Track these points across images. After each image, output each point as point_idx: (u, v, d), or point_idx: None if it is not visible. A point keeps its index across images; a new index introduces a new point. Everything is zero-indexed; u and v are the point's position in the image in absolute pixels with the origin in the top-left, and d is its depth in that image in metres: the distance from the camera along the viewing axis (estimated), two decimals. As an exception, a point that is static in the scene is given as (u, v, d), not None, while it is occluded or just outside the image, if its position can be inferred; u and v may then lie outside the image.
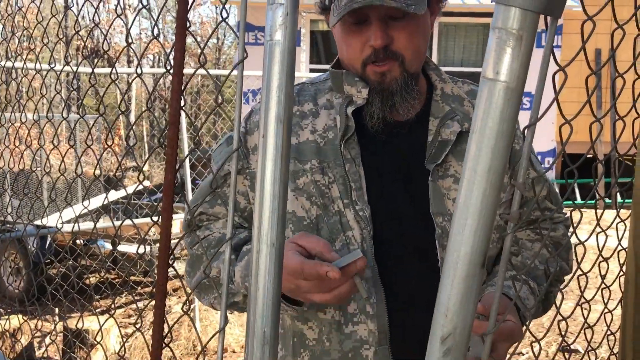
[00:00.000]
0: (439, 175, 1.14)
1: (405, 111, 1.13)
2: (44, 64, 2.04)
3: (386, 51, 1.08)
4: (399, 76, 1.10)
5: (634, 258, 0.65)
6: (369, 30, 1.07)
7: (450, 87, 1.21)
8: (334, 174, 1.13)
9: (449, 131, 1.14)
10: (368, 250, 1.10)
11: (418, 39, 1.11)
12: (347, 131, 1.13)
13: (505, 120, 0.54)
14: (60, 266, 4.61)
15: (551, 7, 0.53)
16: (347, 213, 1.11)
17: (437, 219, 1.12)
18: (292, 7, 0.66)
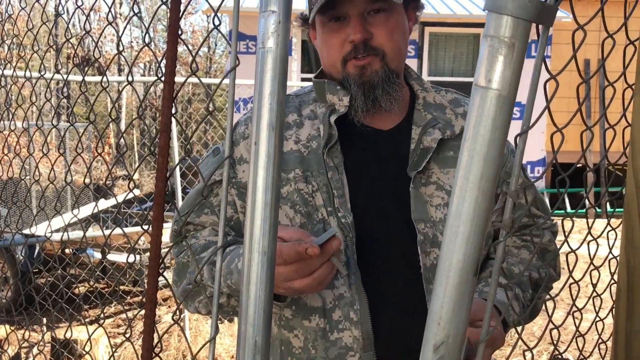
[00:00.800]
0: (422, 183, 1.15)
1: (388, 104, 1.14)
2: (34, 72, 2.02)
3: (366, 46, 1.10)
4: (380, 69, 1.11)
5: (626, 266, 0.65)
6: (348, 27, 1.09)
7: (433, 95, 1.22)
8: (318, 182, 1.14)
9: (430, 139, 1.15)
10: (351, 256, 1.11)
11: (398, 35, 1.13)
12: (330, 139, 1.14)
13: (497, 128, 0.54)
14: (49, 275, 4.57)
15: (543, 16, 0.54)
16: (330, 221, 1.12)
17: (419, 225, 1.13)
18: (285, 15, 0.66)
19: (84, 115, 15.57)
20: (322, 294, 1.12)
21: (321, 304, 1.12)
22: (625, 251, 0.65)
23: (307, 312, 1.13)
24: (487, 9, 0.53)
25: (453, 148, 1.17)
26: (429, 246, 1.13)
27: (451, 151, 1.17)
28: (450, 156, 1.17)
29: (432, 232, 1.13)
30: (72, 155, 5.96)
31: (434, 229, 1.13)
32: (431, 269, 1.12)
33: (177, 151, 4.60)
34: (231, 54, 0.71)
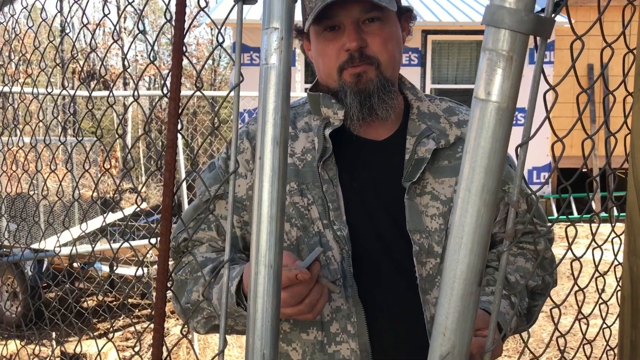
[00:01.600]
0: (417, 193, 1.15)
1: (384, 112, 1.14)
2: (40, 88, 2.05)
3: (361, 55, 1.11)
4: (375, 78, 1.12)
5: (629, 275, 0.65)
6: (343, 36, 1.11)
7: (427, 105, 1.23)
8: (313, 195, 1.14)
9: (425, 149, 1.16)
10: (347, 269, 1.12)
11: (392, 44, 1.14)
12: (325, 152, 1.15)
13: (497, 140, 0.55)
14: (58, 290, 4.58)
15: (540, 29, 0.55)
16: (326, 233, 1.13)
17: (414, 236, 1.13)
18: (287, 32, 0.67)
19: (90, 129, 15.66)
20: None
21: (319, 317, 1.12)
22: (628, 260, 0.66)
23: (304, 325, 1.14)
24: (485, 23, 0.54)
25: (448, 157, 1.18)
26: (425, 256, 1.13)
27: (445, 160, 1.17)
28: (445, 165, 1.17)
29: (428, 242, 1.13)
30: (79, 170, 6.00)
31: (429, 239, 1.13)
32: (427, 279, 1.13)
33: (183, 164, 4.62)
34: (235, 71, 0.73)
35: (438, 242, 1.13)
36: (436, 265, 1.13)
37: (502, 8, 0.53)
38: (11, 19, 1.76)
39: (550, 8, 0.58)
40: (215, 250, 1.21)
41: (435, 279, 1.13)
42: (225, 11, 8.50)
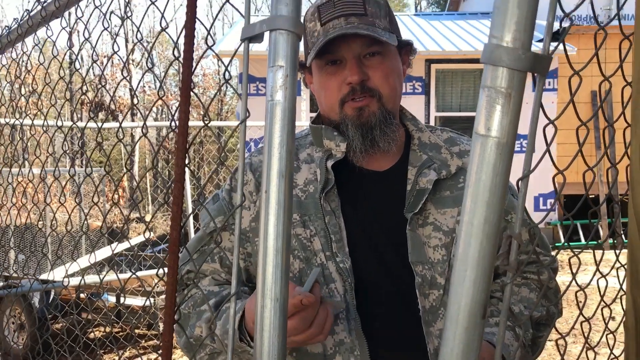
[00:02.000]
0: (419, 224, 1.15)
1: (386, 144, 1.16)
2: (50, 120, 2.08)
3: (363, 88, 1.12)
4: (377, 111, 1.14)
5: (633, 307, 0.65)
6: (345, 70, 1.12)
7: (428, 135, 1.24)
8: (315, 227, 1.15)
9: (426, 179, 1.16)
10: (350, 302, 1.11)
11: (393, 78, 1.16)
12: (327, 184, 1.16)
13: (498, 174, 0.56)
14: (64, 321, 4.57)
15: (537, 66, 0.56)
16: (329, 265, 1.13)
17: (417, 267, 1.13)
18: (292, 69, 0.69)
19: (98, 159, 15.77)
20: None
21: (322, 350, 1.11)
22: (632, 292, 0.66)
23: (307, 359, 1.13)
24: (483, 62, 0.56)
25: (449, 187, 1.18)
26: (428, 288, 1.13)
27: (447, 191, 1.18)
28: (447, 196, 1.17)
29: (431, 273, 1.13)
30: (87, 200, 6.03)
31: (432, 270, 1.13)
32: (430, 310, 1.12)
33: (190, 193, 4.64)
34: (242, 107, 0.74)
35: (441, 274, 1.13)
36: (439, 297, 1.12)
37: (500, 47, 0.55)
38: (23, 55, 1.80)
39: (547, 44, 0.59)
40: (218, 284, 1.21)
41: (439, 310, 1.12)
42: (231, 43, 8.63)
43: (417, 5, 24.86)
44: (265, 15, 7.82)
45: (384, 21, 1.13)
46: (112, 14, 1.36)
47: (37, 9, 1.64)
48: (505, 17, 0.55)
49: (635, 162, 0.70)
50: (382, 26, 1.12)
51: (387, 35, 1.11)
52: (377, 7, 1.13)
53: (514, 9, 0.54)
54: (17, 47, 1.91)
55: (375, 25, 1.11)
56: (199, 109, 15.41)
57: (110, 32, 1.21)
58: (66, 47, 3.19)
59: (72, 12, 1.47)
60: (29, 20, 1.70)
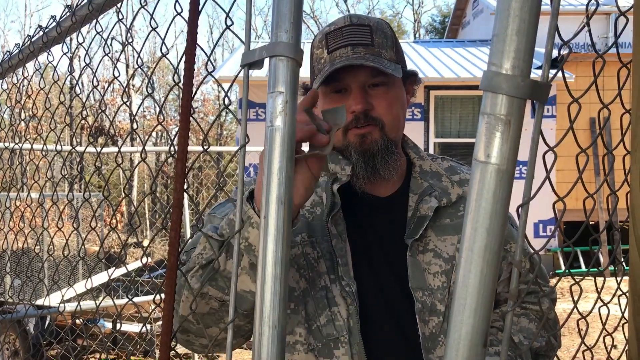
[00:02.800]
0: (419, 250, 1.16)
1: (387, 172, 1.17)
2: (49, 145, 2.08)
3: (366, 117, 1.14)
4: (379, 139, 1.15)
5: (636, 336, 0.64)
6: (350, 98, 1.14)
7: (429, 164, 1.25)
8: (321, 249, 1.15)
9: (427, 207, 1.17)
10: (354, 326, 1.11)
11: (397, 107, 1.17)
12: (333, 207, 1.17)
13: (498, 201, 0.56)
14: (59, 347, 4.52)
15: (536, 93, 0.56)
16: (333, 289, 1.13)
17: (417, 293, 1.13)
18: (291, 95, 0.69)
19: (97, 183, 15.77)
20: None
21: None
22: (634, 320, 0.65)
23: None
24: (483, 89, 0.56)
25: (450, 215, 1.19)
26: (427, 314, 1.13)
27: (447, 219, 1.19)
28: (447, 224, 1.18)
29: (431, 300, 1.13)
30: (85, 225, 6.01)
31: (432, 297, 1.13)
32: (430, 337, 1.11)
33: (189, 218, 4.63)
34: (241, 134, 0.74)
35: (441, 300, 1.13)
36: (439, 323, 1.12)
37: (499, 75, 0.55)
38: (24, 80, 1.81)
39: (546, 72, 0.60)
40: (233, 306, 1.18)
41: (439, 337, 1.11)
42: (231, 69, 8.70)
43: (415, 33, 25.16)
44: (265, 42, 7.90)
45: (390, 52, 1.15)
46: (114, 39, 1.37)
47: (39, 35, 1.66)
48: (504, 45, 0.55)
49: (636, 189, 0.70)
50: (388, 57, 1.14)
51: (393, 67, 1.12)
52: (384, 37, 1.15)
53: (513, 36, 0.55)
54: (18, 72, 1.92)
55: (381, 56, 1.13)
56: (199, 134, 15.47)
57: (110, 57, 1.22)
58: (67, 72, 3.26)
59: (74, 37, 1.48)
60: (30, 45, 1.72)
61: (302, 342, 1.13)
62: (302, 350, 1.13)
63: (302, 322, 1.13)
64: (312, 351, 1.12)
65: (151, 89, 1.02)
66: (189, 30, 0.84)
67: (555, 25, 0.60)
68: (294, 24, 0.69)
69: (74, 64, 15.28)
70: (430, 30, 25.66)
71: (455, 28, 14.75)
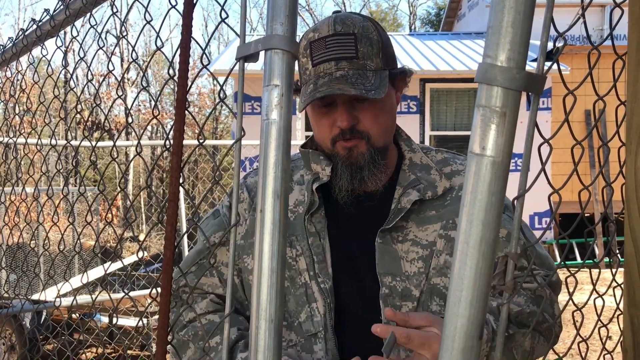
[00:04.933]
0: (398, 240, 1.16)
1: (374, 184, 1.18)
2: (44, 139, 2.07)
3: (352, 131, 1.14)
4: (366, 152, 1.15)
5: (630, 326, 0.65)
6: (336, 113, 1.14)
7: (420, 156, 1.25)
8: (302, 247, 1.18)
9: (407, 199, 1.17)
10: (328, 322, 1.13)
11: (383, 117, 1.17)
12: (312, 206, 1.18)
13: (493, 193, 0.56)
14: (56, 342, 4.51)
15: (532, 85, 0.56)
16: (312, 285, 1.16)
17: (385, 279, 1.14)
18: (287, 88, 0.69)
19: (92, 177, 15.73)
20: (303, 358, 1.14)
21: None
22: (629, 312, 0.66)
23: None
24: (478, 80, 0.56)
25: (435, 207, 1.19)
26: (399, 299, 1.13)
27: (433, 211, 1.19)
28: (432, 215, 1.18)
29: (404, 285, 1.13)
30: (80, 220, 5.99)
31: (406, 282, 1.13)
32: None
33: (184, 212, 4.62)
34: (237, 127, 0.74)
35: (416, 286, 1.13)
36: (412, 308, 1.12)
37: (494, 67, 0.55)
38: (17, 74, 1.80)
39: (541, 64, 0.60)
40: (217, 310, 1.21)
41: None
42: (226, 62, 8.67)
43: (411, 26, 25.11)
44: (260, 35, 7.88)
45: (376, 60, 1.12)
46: (108, 33, 1.36)
47: (32, 28, 1.65)
48: (499, 37, 0.55)
49: (631, 180, 0.70)
50: (374, 66, 1.12)
51: (378, 84, 1.10)
52: (369, 45, 1.12)
53: (508, 28, 0.55)
54: (12, 65, 1.91)
55: (366, 68, 1.11)
56: (194, 127, 15.42)
57: (105, 51, 1.22)
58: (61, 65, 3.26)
59: (68, 31, 1.47)
60: (24, 39, 1.71)
61: (285, 339, 1.16)
62: (284, 346, 1.15)
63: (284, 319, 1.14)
64: (294, 347, 1.16)
65: (146, 82, 1.01)
66: (184, 23, 0.84)
67: (551, 17, 0.60)
68: (289, 17, 0.69)
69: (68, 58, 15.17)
70: (426, 23, 25.63)
71: (451, 20, 14.72)
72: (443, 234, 1.15)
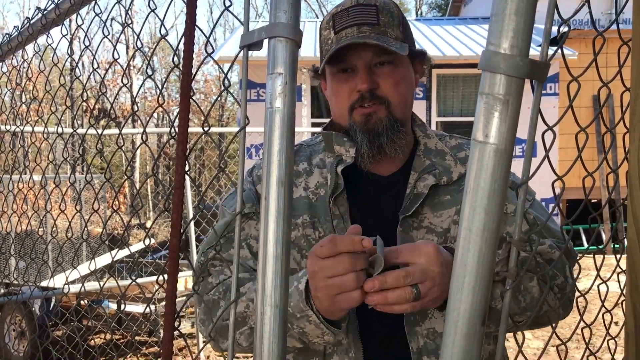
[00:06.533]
0: (413, 227, 1.16)
1: (393, 151, 1.17)
2: (51, 127, 2.09)
3: (372, 95, 1.14)
4: (384, 118, 1.15)
5: (633, 313, 0.65)
6: (356, 78, 1.14)
7: (435, 142, 1.25)
8: (324, 229, 1.17)
9: (423, 184, 1.17)
10: None
11: (403, 87, 1.17)
12: (337, 188, 1.17)
13: (496, 180, 0.56)
14: (65, 328, 4.56)
15: (535, 72, 0.56)
16: None
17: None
18: (291, 76, 0.69)
19: (99, 165, 15.79)
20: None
21: (322, 349, 1.13)
22: (631, 297, 0.66)
23: (308, 355, 1.15)
24: (481, 68, 0.56)
25: (450, 192, 1.18)
26: None
27: (448, 195, 1.18)
28: (447, 200, 1.17)
29: None
30: (87, 207, 6.03)
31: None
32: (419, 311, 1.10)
33: (190, 199, 4.64)
34: (241, 114, 0.75)
35: None
36: None
37: (497, 54, 0.55)
38: (23, 62, 1.81)
39: (545, 51, 0.59)
40: (247, 271, 1.18)
41: (428, 310, 1.12)
42: (231, 49, 8.65)
43: (418, 11, 24.93)
44: (265, 21, 7.83)
45: (397, 31, 1.15)
46: (114, 20, 1.36)
47: (38, 17, 1.65)
48: (502, 24, 0.55)
49: (634, 167, 0.70)
50: (394, 36, 1.14)
51: (398, 45, 1.12)
52: (390, 17, 1.15)
53: (512, 15, 0.55)
54: (18, 54, 1.91)
55: (387, 35, 1.13)
56: (200, 115, 15.42)
57: (110, 39, 1.22)
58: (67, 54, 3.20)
59: (73, 19, 1.48)
60: (29, 28, 1.71)
61: None
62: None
63: None
64: None
65: (151, 70, 1.02)
66: (188, 10, 0.84)
67: (555, 3, 0.59)
68: (293, 4, 0.69)
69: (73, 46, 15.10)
70: (433, 8, 25.43)
71: (458, 5, 14.60)
72: (457, 219, 1.15)
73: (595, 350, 0.97)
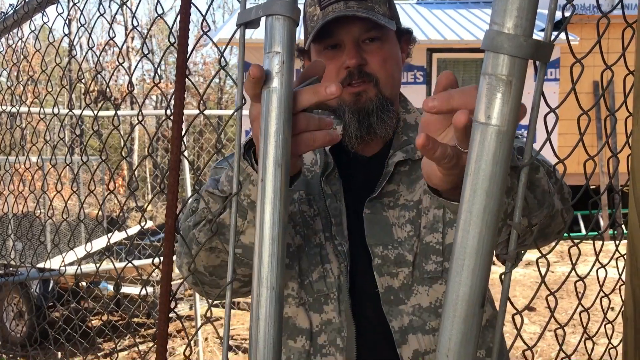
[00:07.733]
0: (390, 206, 1.14)
1: (383, 130, 1.15)
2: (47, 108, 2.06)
3: (360, 72, 1.11)
4: (374, 97, 1.13)
5: (632, 296, 0.65)
6: (343, 54, 1.12)
7: (415, 116, 1.22)
8: (318, 207, 1.15)
9: (391, 162, 1.15)
10: (344, 284, 1.11)
11: (391, 64, 1.15)
12: (327, 167, 1.16)
13: (497, 162, 0.55)
14: (63, 309, 4.58)
15: (539, 53, 0.55)
16: (327, 246, 1.13)
17: (376, 249, 1.11)
18: (288, 55, 0.68)
19: (97, 147, 15.75)
20: (311, 316, 1.13)
21: (308, 326, 1.13)
22: (631, 281, 0.65)
23: (293, 333, 1.14)
24: (484, 48, 0.55)
25: None
26: (394, 267, 1.11)
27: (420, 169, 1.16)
28: (420, 174, 1.14)
29: (397, 252, 1.11)
30: (85, 190, 6.02)
31: (399, 248, 1.11)
32: (402, 288, 1.10)
33: (189, 182, 4.63)
34: (237, 94, 0.73)
35: (409, 250, 1.11)
36: (409, 274, 1.11)
37: (501, 34, 0.54)
38: (19, 42, 1.79)
39: (549, 32, 0.58)
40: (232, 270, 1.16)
41: (412, 287, 1.11)
42: (230, 31, 8.59)
43: (418, -6, 24.73)
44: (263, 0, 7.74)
45: (384, 7, 1.13)
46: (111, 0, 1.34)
47: (33, -6, 1.63)
48: (506, 4, 0.54)
49: (637, 151, 0.69)
50: (382, 12, 1.12)
51: (386, 21, 1.10)
52: None
53: (516, -7, 0.53)
54: (14, 33, 1.89)
55: (374, 10, 1.11)
56: (197, 97, 15.34)
57: (106, 18, 1.20)
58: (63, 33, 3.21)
59: (69, -3, 1.45)
60: (25, 6, 1.69)
61: (294, 296, 1.14)
62: (293, 303, 1.15)
63: (295, 277, 1.14)
64: (303, 305, 1.14)
65: (147, 50, 1.00)
66: (185, -12, 0.82)
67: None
68: (291, -18, 0.67)
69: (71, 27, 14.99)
70: (433, -8, 25.21)
71: (459, -11, 14.48)
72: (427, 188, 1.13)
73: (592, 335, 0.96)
